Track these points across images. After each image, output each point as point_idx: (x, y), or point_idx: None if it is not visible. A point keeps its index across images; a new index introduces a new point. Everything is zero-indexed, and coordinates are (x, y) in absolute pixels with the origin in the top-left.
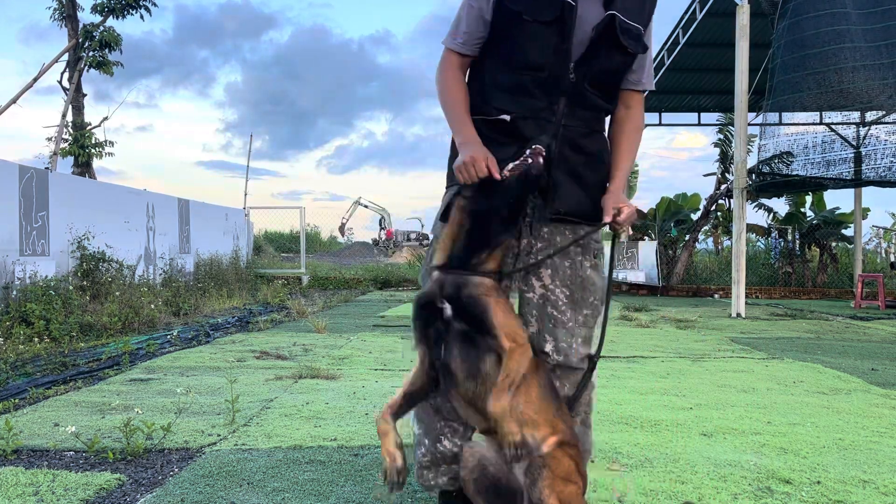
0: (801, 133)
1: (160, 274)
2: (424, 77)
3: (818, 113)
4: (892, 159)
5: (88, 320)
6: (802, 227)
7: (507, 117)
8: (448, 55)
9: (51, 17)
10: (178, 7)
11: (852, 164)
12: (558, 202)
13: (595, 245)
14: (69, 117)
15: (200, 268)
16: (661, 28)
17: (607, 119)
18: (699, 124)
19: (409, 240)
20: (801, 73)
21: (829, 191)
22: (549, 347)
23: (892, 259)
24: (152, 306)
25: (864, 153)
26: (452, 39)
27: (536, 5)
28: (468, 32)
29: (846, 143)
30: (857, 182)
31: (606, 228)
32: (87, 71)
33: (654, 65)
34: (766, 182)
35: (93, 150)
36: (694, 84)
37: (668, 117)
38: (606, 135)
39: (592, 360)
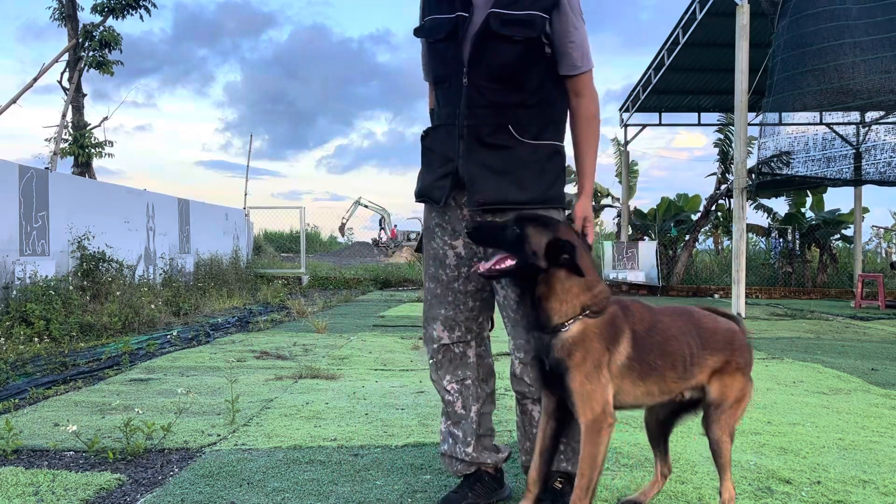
0: (801, 132)
1: (160, 274)
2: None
3: (818, 112)
4: (891, 154)
5: (88, 320)
6: (802, 227)
7: (423, 131)
8: (429, 87)
9: (51, 16)
10: (176, 5)
11: (852, 162)
12: (476, 194)
13: None
14: (69, 117)
15: (200, 268)
16: (662, 28)
17: (541, 110)
18: (699, 124)
19: (409, 240)
20: (800, 71)
21: (828, 191)
22: (511, 347)
23: (893, 259)
24: (152, 306)
25: (863, 150)
26: (426, 75)
27: (436, 27)
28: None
29: (846, 143)
30: (857, 181)
31: (606, 228)
32: (87, 71)
33: (654, 65)
34: (765, 181)
35: (93, 150)
36: (694, 84)
37: (668, 117)
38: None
39: None
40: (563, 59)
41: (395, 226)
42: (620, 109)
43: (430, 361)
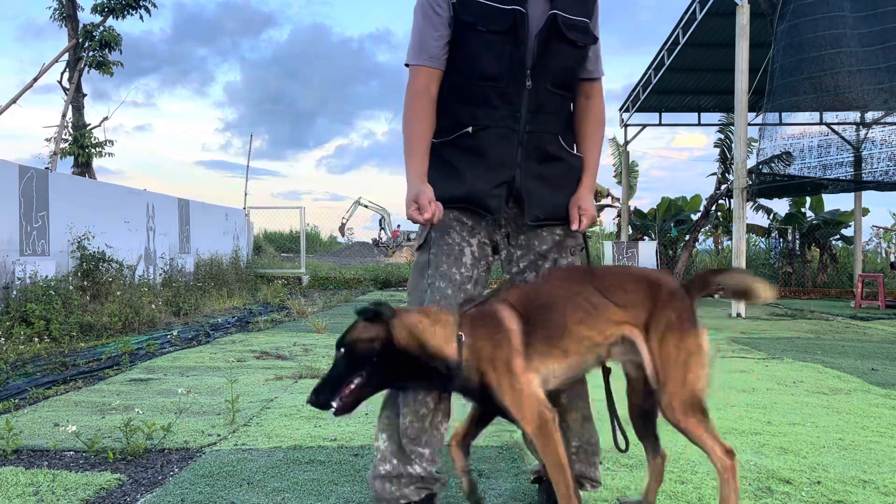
0: (799, 135)
1: (160, 274)
2: None
3: (818, 113)
4: (888, 163)
5: (88, 320)
6: (802, 227)
7: (470, 129)
8: (415, 71)
9: (51, 16)
10: (176, 5)
11: (851, 168)
12: (535, 209)
13: (571, 243)
14: (69, 117)
15: (200, 268)
16: (661, 28)
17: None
18: (699, 124)
19: (409, 240)
20: (797, 77)
21: (827, 195)
22: None
23: (892, 259)
24: (152, 306)
25: (863, 155)
26: (417, 55)
27: (489, 15)
28: (437, 45)
29: (845, 144)
30: (857, 185)
31: (606, 228)
32: (88, 71)
33: (654, 65)
34: (765, 184)
35: (93, 150)
36: (694, 84)
37: (668, 117)
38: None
39: None
40: (588, 62)
41: (399, 226)
42: (620, 109)
43: None
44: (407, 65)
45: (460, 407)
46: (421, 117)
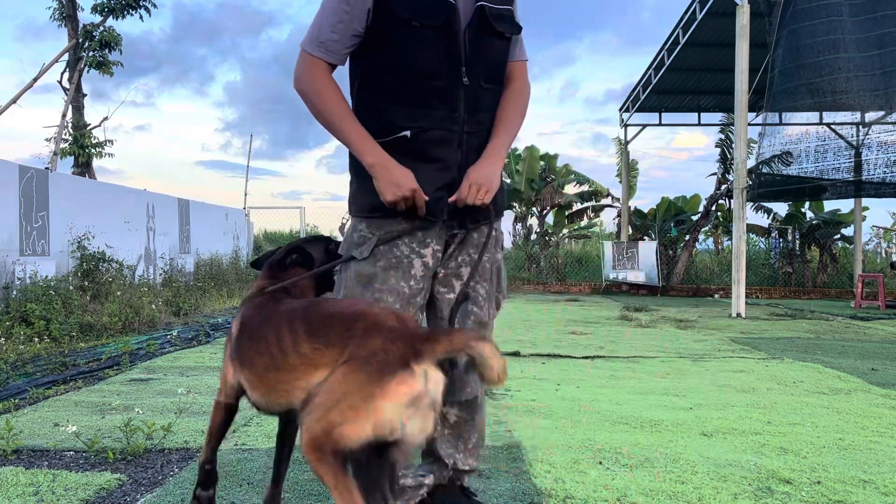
0: (797, 139)
1: (160, 274)
2: None
3: (818, 113)
4: (884, 169)
5: (88, 320)
6: (802, 227)
7: (408, 133)
8: (314, 62)
9: (51, 16)
10: (175, 4)
11: (849, 174)
12: (479, 210)
13: (500, 235)
14: (69, 117)
15: (200, 268)
16: (661, 28)
17: None
18: (699, 124)
19: None
20: (795, 84)
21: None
22: None
23: (893, 259)
24: (152, 306)
25: (863, 160)
26: (317, 45)
27: (423, 10)
28: (339, 40)
29: (842, 150)
30: (857, 191)
31: (606, 228)
32: (88, 71)
33: (654, 65)
34: (765, 187)
35: (93, 150)
36: (694, 84)
37: (668, 117)
38: None
39: None
40: (514, 44)
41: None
42: (620, 109)
43: None
44: (301, 47)
45: None
46: (337, 102)
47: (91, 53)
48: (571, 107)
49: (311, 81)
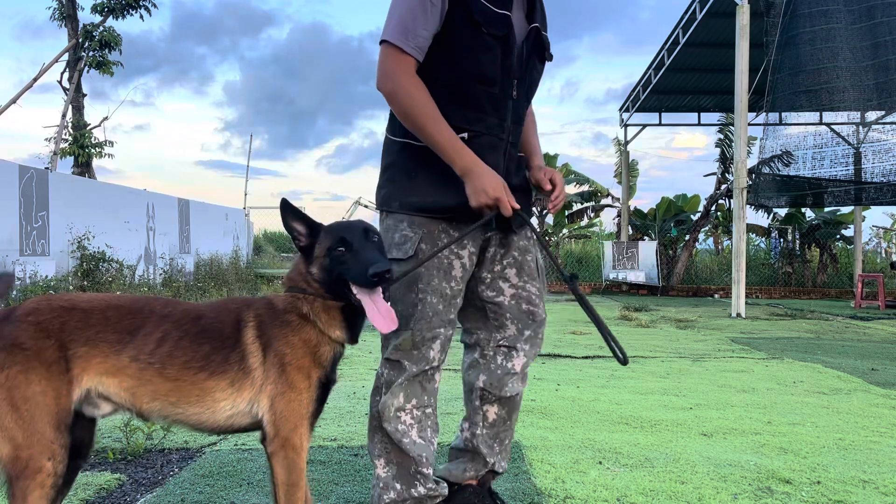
0: (795, 147)
1: (160, 274)
2: None
3: (818, 113)
4: (881, 178)
5: None
6: (802, 227)
7: (465, 135)
8: (405, 60)
9: (51, 16)
10: (175, 3)
11: (847, 181)
12: (520, 217)
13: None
14: (69, 117)
15: (200, 268)
16: (661, 28)
17: None
18: (699, 124)
19: None
20: (794, 91)
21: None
22: (526, 345)
23: (893, 259)
24: None
25: (862, 167)
26: (406, 40)
27: (492, 19)
28: (427, 38)
29: (839, 157)
30: (856, 199)
31: (606, 228)
32: (88, 71)
33: (654, 65)
34: (764, 194)
35: (92, 150)
36: (694, 84)
37: (668, 117)
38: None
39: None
40: None
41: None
42: (620, 109)
43: (401, 382)
44: (387, 42)
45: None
46: (428, 101)
47: (91, 53)
48: (571, 106)
49: (401, 80)
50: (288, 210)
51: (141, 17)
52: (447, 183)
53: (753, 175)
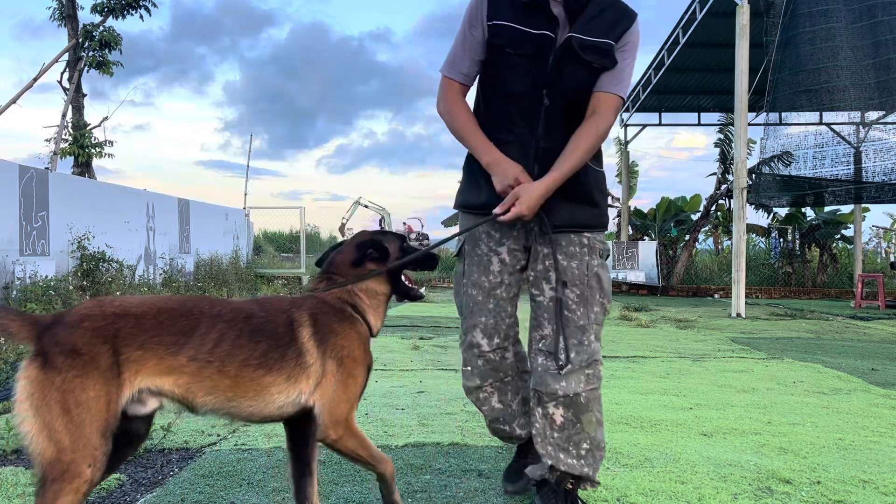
0: (795, 147)
1: (160, 274)
2: (425, 75)
3: (818, 113)
4: (883, 177)
5: None
6: (802, 227)
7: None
8: (448, 84)
9: (51, 16)
10: (174, 3)
11: (848, 182)
12: (553, 217)
13: (600, 246)
14: (69, 117)
15: (200, 268)
16: (661, 28)
17: None
18: (699, 124)
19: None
20: (794, 91)
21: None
22: (561, 347)
23: (892, 259)
24: None
25: (862, 167)
26: (450, 69)
27: (518, 40)
28: (468, 64)
29: (840, 157)
30: (857, 197)
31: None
32: (88, 71)
33: (654, 65)
34: (765, 194)
35: (92, 150)
36: (694, 84)
37: (668, 117)
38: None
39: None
40: (606, 75)
41: (422, 224)
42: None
43: (465, 369)
44: (442, 74)
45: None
46: (468, 117)
47: (91, 53)
48: None
49: (446, 102)
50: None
51: (140, 17)
52: (476, 185)
53: (753, 175)
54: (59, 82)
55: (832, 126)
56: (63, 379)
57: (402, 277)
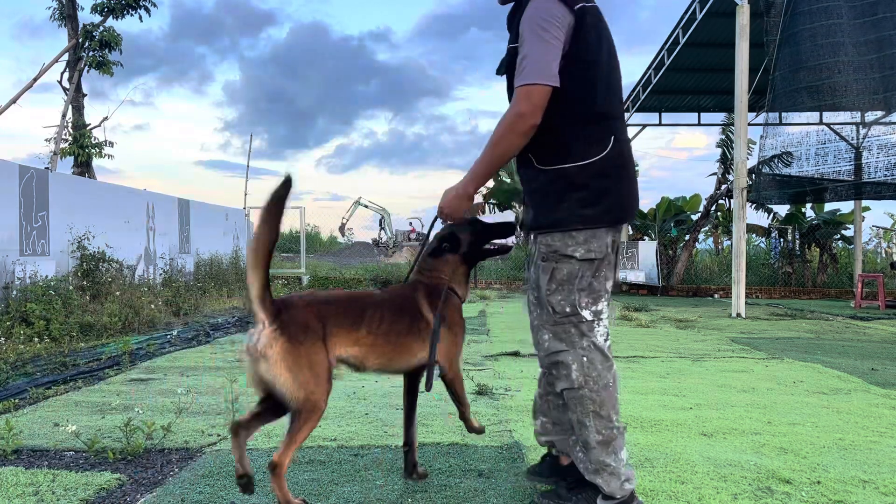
0: (797, 143)
1: (160, 274)
2: (425, 75)
3: (818, 113)
4: (885, 172)
5: (88, 320)
6: (802, 227)
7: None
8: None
9: (51, 16)
10: (174, 2)
11: (849, 177)
12: (524, 221)
13: (543, 248)
14: (69, 117)
15: (200, 268)
16: (661, 28)
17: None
18: (699, 124)
19: (409, 240)
20: (796, 87)
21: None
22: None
23: (893, 259)
24: (152, 306)
25: (863, 163)
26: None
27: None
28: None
29: (842, 153)
30: (857, 193)
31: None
32: (88, 71)
33: (654, 65)
34: (765, 192)
35: (92, 150)
36: (694, 84)
37: (668, 117)
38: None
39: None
40: (517, 68)
41: (436, 222)
42: None
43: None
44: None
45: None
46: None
47: (91, 53)
48: None
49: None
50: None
51: (140, 17)
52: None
53: (753, 175)
54: (59, 82)
55: (832, 126)
56: (305, 347)
57: (487, 246)
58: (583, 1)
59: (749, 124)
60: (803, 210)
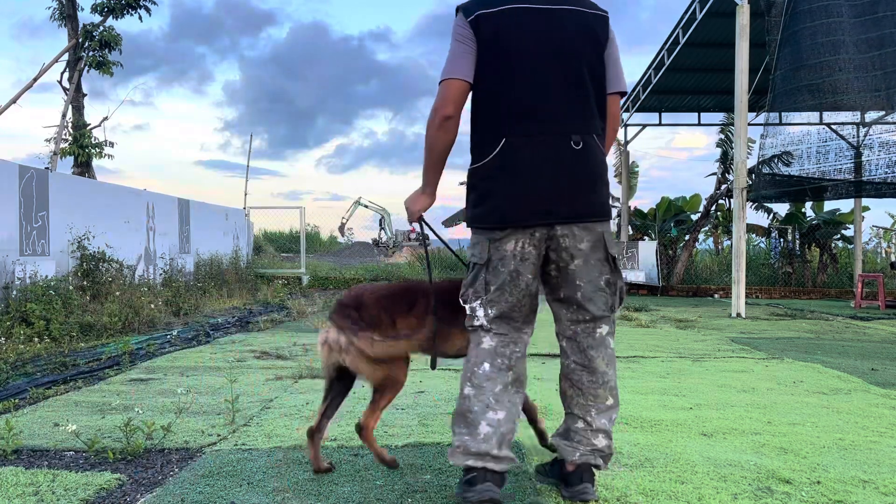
0: (798, 142)
1: (160, 274)
2: (425, 75)
3: (818, 113)
4: (886, 170)
5: (88, 320)
6: (802, 227)
7: None
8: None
9: (51, 16)
10: (174, 2)
11: (850, 175)
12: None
13: None
14: (69, 117)
15: (200, 268)
16: (661, 28)
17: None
18: (699, 124)
19: (409, 240)
20: (796, 86)
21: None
22: None
23: (893, 259)
24: (152, 306)
25: (861, 161)
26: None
27: None
28: None
29: (843, 152)
30: (857, 191)
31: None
32: (88, 71)
33: (654, 65)
34: (765, 192)
35: (92, 150)
36: (694, 84)
37: (668, 117)
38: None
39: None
40: None
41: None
42: (620, 109)
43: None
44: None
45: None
46: None
47: (91, 53)
48: None
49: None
50: None
51: (140, 17)
52: None
53: (753, 175)
54: (59, 82)
55: (832, 126)
56: (378, 342)
57: None
58: (481, 9)
59: (749, 124)
60: (803, 210)
